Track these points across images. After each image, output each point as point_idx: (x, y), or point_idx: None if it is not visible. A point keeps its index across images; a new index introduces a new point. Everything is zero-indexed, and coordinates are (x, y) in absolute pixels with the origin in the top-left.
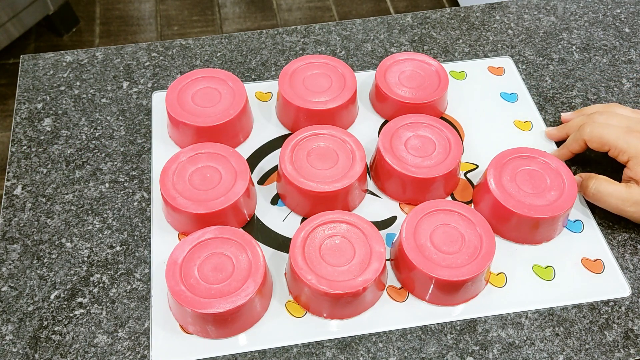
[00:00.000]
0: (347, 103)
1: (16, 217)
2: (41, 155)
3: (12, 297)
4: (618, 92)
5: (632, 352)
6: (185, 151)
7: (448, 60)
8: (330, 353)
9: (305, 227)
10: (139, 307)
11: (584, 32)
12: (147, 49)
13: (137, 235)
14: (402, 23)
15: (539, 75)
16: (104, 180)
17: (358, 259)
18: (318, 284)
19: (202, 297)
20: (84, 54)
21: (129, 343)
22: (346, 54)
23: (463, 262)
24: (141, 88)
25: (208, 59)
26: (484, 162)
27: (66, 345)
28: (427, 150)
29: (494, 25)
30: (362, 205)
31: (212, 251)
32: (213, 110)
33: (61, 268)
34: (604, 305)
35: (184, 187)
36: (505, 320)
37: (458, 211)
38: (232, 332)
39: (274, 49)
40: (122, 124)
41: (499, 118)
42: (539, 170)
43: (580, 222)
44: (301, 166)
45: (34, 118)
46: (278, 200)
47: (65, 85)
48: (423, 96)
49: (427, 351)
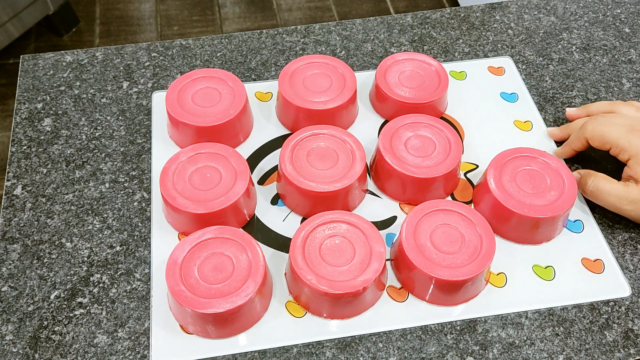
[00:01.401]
0: (347, 103)
1: (16, 217)
2: (41, 155)
3: (12, 297)
4: (618, 92)
5: (632, 352)
6: (185, 151)
7: (448, 60)
8: (330, 353)
9: (305, 227)
10: (139, 307)
11: (584, 32)
12: (147, 49)
13: (137, 235)
14: (402, 23)
15: (539, 75)
16: (104, 180)
17: (358, 259)
18: (318, 284)
19: (202, 297)
20: (84, 54)
21: (129, 343)
22: (346, 54)
23: (463, 262)
24: (141, 88)
25: (208, 59)
26: (484, 162)
27: (66, 345)
28: (427, 150)
29: (494, 25)
30: (362, 205)
31: (212, 251)
32: (213, 110)
33: (61, 268)
34: (604, 305)
35: (184, 187)
36: (505, 320)
37: (458, 211)
38: (232, 332)
39: (274, 49)
40: (122, 124)
41: (499, 118)
42: (539, 170)
43: (580, 222)
44: (301, 166)
45: (34, 118)
46: (278, 200)
47: (65, 85)
48: (423, 96)
49: (427, 351)
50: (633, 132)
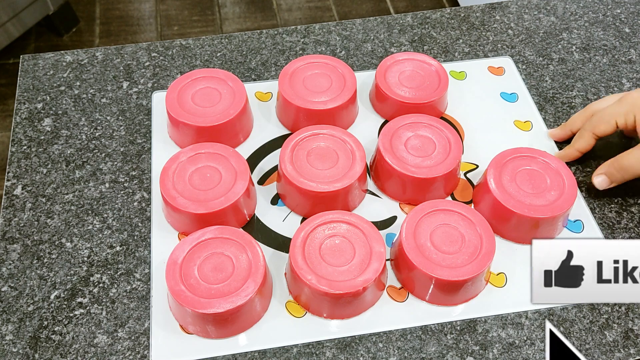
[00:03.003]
0: (347, 103)
1: (16, 217)
2: (41, 155)
3: (12, 297)
4: (618, 92)
5: (632, 352)
6: (185, 151)
7: (448, 60)
8: (330, 353)
9: (305, 227)
10: (139, 307)
11: (584, 32)
12: (147, 49)
13: (137, 235)
14: (402, 23)
15: (539, 75)
16: (104, 180)
17: (358, 259)
18: (318, 284)
19: (202, 297)
20: (84, 54)
21: (129, 343)
22: (346, 54)
23: (463, 262)
24: (141, 88)
25: (208, 59)
26: (484, 162)
27: (66, 345)
28: (427, 150)
29: (494, 25)
30: (362, 205)
31: (212, 251)
32: (213, 110)
33: (61, 268)
34: (604, 305)
35: (184, 187)
36: (505, 320)
37: (458, 211)
38: (232, 332)
39: (274, 49)
40: (122, 124)
41: (499, 118)
42: (539, 170)
43: (580, 222)
44: (301, 166)
45: (34, 118)
46: (278, 200)
47: (65, 85)
48: (423, 96)
49: (427, 351)
50: (625, 98)
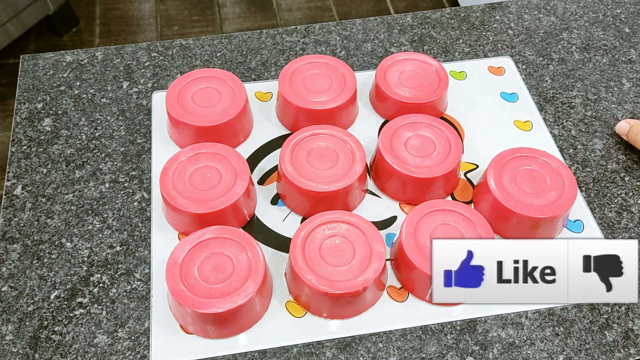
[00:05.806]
0: (347, 103)
1: (16, 217)
2: (41, 155)
3: (12, 297)
4: (618, 92)
5: (632, 352)
6: (185, 151)
7: (448, 60)
8: (330, 353)
9: (305, 227)
10: (139, 307)
11: (584, 32)
12: (147, 49)
13: (137, 235)
14: (402, 23)
15: (539, 75)
16: (104, 180)
17: (358, 259)
18: (318, 284)
19: (202, 297)
20: (84, 54)
21: (129, 343)
22: (346, 54)
23: None
24: (141, 88)
25: (208, 59)
26: (484, 162)
27: (66, 345)
28: (427, 150)
29: (494, 25)
30: (362, 205)
31: (212, 251)
32: (213, 110)
33: (61, 268)
34: (604, 305)
35: (184, 187)
36: (505, 320)
37: (458, 211)
38: (232, 332)
39: (274, 49)
40: (122, 124)
41: (499, 118)
42: (539, 170)
43: (580, 222)
44: (301, 166)
45: (34, 118)
46: (278, 200)
47: (65, 85)
48: (423, 96)
49: (427, 351)
50: None
